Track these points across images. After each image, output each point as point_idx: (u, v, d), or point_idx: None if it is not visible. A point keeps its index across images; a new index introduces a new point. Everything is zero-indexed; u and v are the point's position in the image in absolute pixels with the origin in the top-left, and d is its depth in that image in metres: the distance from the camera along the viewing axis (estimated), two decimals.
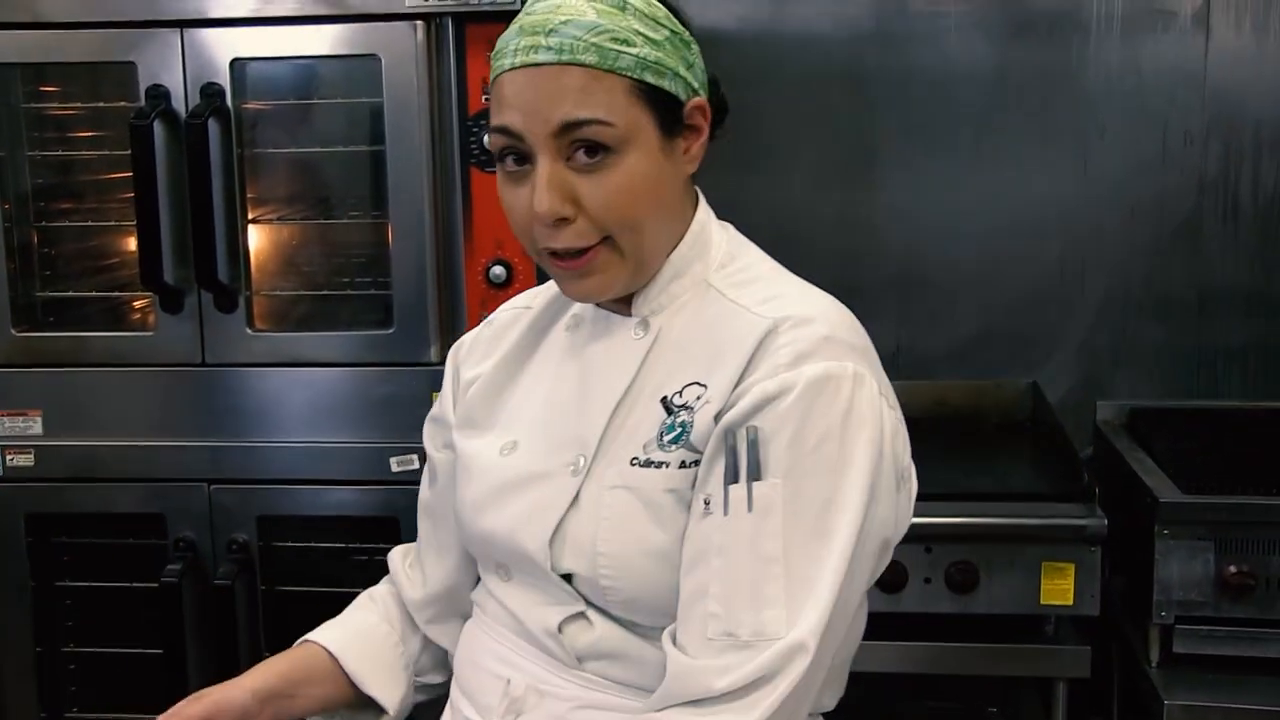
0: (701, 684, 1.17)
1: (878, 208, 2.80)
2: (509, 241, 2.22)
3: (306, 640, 1.50)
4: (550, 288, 1.45)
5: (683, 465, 1.25)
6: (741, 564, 1.18)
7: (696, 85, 1.29)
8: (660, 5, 1.28)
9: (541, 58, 1.21)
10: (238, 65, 2.24)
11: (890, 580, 2.06)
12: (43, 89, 2.44)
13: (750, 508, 1.19)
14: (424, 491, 1.54)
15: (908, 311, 2.80)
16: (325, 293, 2.42)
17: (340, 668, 1.46)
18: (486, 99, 2.18)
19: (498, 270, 2.23)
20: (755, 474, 1.19)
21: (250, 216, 2.33)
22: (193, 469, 2.33)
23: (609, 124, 1.22)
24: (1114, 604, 2.27)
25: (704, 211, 1.36)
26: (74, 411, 2.34)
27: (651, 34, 1.24)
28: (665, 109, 1.26)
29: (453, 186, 2.24)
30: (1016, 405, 2.73)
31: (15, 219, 2.36)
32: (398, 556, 1.57)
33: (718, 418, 1.23)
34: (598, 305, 1.36)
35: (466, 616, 1.46)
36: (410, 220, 2.23)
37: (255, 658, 2.34)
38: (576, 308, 1.40)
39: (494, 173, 2.16)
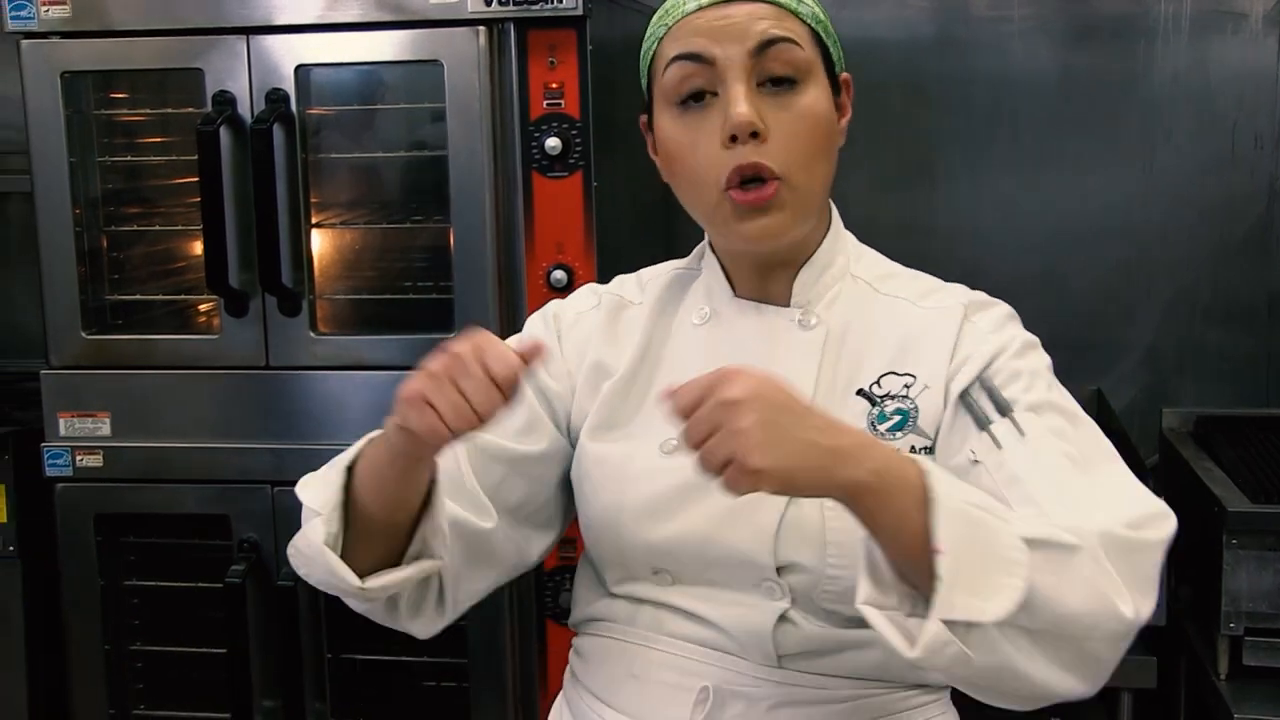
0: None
1: (940, 213, 2.78)
2: (570, 245, 2.23)
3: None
4: (646, 284, 1.45)
5: (912, 450, 1.26)
6: (1036, 479, 1.19)
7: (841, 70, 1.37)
8: None
9: None
10: (302, 71, 2.26)
11: None
12: (112, 96, 2.47)
13: (1021, 433, 1.22)
14: (516, 446, 1.38)
15: None
16: (388, 296, 2.43)
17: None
18: (547, 104, 2.21)
19: (558, 274, 2.23)
20: (1006, 409, 1.24)
21: (314, 221, 2.35)
22: (257, 471, 2.35)
23: (801, 46, 1.28)
24: (1181, 614, 2.24)
25: (834, 207, 1.41)
26: (141, 413, 2.37)
27: (817, 5, 1.34)
28: (830, 70, 1.33)
29: (514, 191, 2.24)
30: None
31: (86, 224, 2.39)
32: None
33: (946, 399, 1.27)
34: (737, 294, 1.37)
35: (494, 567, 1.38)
36: (472, 224, 2.24)
37: (317, 658, 2.38)
38: (702, 300, 1.39)
39: (555, 178, 2.23)
